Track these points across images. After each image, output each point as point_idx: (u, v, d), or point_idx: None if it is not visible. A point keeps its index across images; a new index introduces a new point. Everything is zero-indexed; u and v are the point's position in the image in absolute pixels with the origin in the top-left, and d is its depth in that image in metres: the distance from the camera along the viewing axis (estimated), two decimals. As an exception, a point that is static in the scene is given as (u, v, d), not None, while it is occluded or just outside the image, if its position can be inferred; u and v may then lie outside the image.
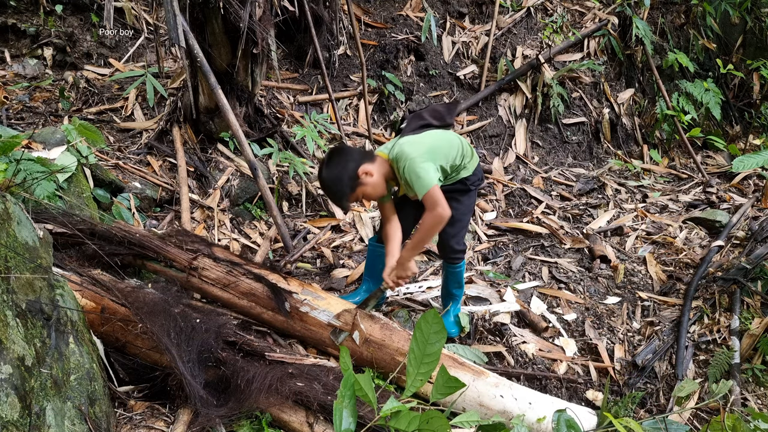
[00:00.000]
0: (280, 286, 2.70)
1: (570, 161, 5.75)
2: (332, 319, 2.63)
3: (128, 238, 2.76)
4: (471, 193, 2.87)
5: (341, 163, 2.59)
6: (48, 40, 4.78)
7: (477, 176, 2.87)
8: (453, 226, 2.82)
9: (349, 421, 1.44)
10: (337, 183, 2.58)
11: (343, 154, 2.63)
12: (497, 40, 5.90)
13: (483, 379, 2.47)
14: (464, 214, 2.88)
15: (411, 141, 2.62)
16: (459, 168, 2.76)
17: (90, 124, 3.24)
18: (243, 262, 2.81)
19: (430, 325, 1.54)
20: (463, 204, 2.85)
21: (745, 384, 3.05)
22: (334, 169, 2.59)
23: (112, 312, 2.32)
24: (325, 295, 2.76)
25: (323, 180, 2.63)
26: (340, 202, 2.72)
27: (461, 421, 1.55)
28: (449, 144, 2.71)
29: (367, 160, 2.62)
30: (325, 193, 2.70)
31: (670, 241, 4.30)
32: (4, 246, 1.71)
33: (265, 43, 3.81)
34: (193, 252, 2.76)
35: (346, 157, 2.62)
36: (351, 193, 2.61)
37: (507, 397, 2.42)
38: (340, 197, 2.63)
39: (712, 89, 5.91)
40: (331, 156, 2.62)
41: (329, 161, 2.61)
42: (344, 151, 2.67)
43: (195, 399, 2.07)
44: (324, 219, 4.21)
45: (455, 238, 2.90)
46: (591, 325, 3.48)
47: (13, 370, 1.56)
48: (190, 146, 4.15)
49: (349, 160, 2.60)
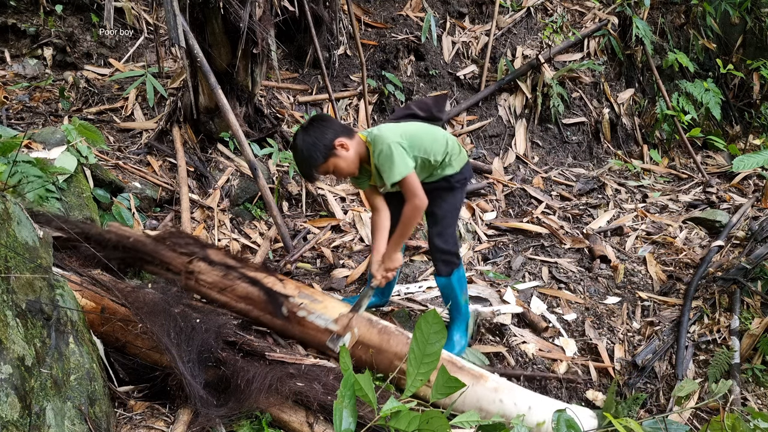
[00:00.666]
0: (276, 289, 2.64)
1: (570, 161, 5.76)
2: (330, 323, 2.57)
3: (122, 243, 2.72)
4: (455, 192, 2.78)
5: (319, 130, 2.51)
6: (48, 40, 4.78)
7: (464, 175, 2.78)
8: (436, 224, 2.77)
9: (349, 421, 1.44)
10: (311, 149, 2.49)
11: (322, 122, 2.56)
12: (497, 40, 5.90)
13: (482, 384, 2.44)
14: (448, 212, 2.79)
15: (391, 127, 2.57)
16: (443, 164, 2.68)
17: (90, 124, 3.24)
18: (238, 264, 2.74)
19: (430, 325, 1.54)
20: (447, 202, 2.76)
21: (745, 384, 3.05)
22: (311, 134, 2.50)
23: (112, 312, 2.32)
24: (322, 298, 2.70)
25: (296, 144, 2.52)
26: (309, 170, 2.57)
27: (461, 421, 1.55)
28: (432, 138, 2.64)
29: (346, 135, 2.55)
30: (296, 159, 2.59)
31: (670, 241, 4.30)
32: (4, 246, 1.71)
33: (265, 43, 3.81)
34: (188, 255, 2.71)
35: (326, 125, 2.54)
36: (323, 163, 2.52)
37: (506, 402, 2.40)
38: (311, 164, 2.53)
39: (712, 89, 5.91)
40: (311, 122, 2.55)
41: (307, 127, 2.53)
42: (324, 120, 2.59)
43: (195, 399, 2.07)
44: (324, 219, 4.21)
45: (440, 237, 2.80)
46: (591, 325, 3.48)
47: (13, 370, 1.56)
48: (190, 146, 4.15)
49: (328, 128, 2.52)
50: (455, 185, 2.76)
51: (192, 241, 2.85)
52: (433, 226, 2.80)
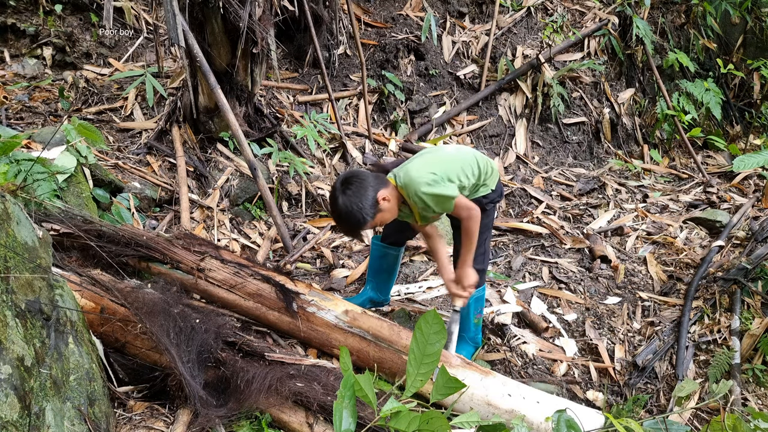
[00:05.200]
0: (288, 287, 2.71)
1: (570, 161, 5.75)
2: (339, 318, 2.64)
3: (135, 239, 2.76)
4: (487, 212, 2.74)
5: (359, 190, 2.44)
6: (47, 39, 4.78)
7: (496, 193, 2.76)
8: None
9: (349, 421, 1.44)
10: (357, 212, 2.42)
11: (359, 181, 2.47)
12: (497, 39, 5.89)
13: (491, 378, 2.48)
14: (482, 229, 2.73)
15: (417, 166, 2.53)
16: (476, 186, 2.67)
17: (89, 123, 3.23)
18: (250, 264, 2.82)
19: (430, 325, 1.53)
20: (482, 219, 2.71)
21: (745, 384, 3.05)
22: (352, 198, 2.42)
23: (111, 312, 2.32)
24: (331, 296, 2.78)
25: (340, 209, 2.44)
26: (357, 232, 2.54)
27: (461, 421, 1.54)
28: (462, 162, 2.61)
29: (383, 186, 2.52)
30: (341, 222, 2.50)
31: (670, 241, 4.29)
32: (4, 246, 1.70)
33: (265, 43, 3.80)
34: (200, 254, 2.77)
35: (364, 183, 2.46)
36: (371, 221, 2.47)
37: (515, 396, 2.42)
38: (360, 227, 2.47)
39: (712, 89, 5.91)
40: (347, 183, 2.46)
41: (345, 189, 2.44)
42: (360, 177, 2.50)
43: (194, 399, 2.07)
44: (324, 219, 4.21)
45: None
46: (591, 325, 3.48)
47: (13, 370, 1.56)
48: (189, 146, 4.15)
49: (367, 186, 2.45)
50: (487, 206, 2.72)
51: (204, 243, 2.91)
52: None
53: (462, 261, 2.65)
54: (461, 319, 2.86)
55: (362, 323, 2.63)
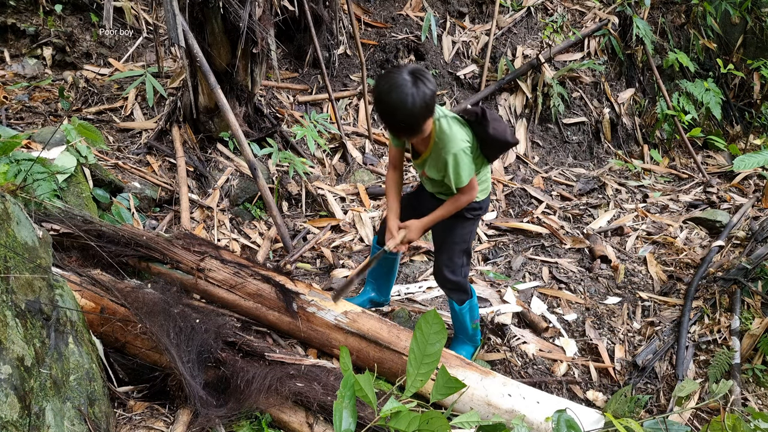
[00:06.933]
0: (288, 287, 2.71)
1: (570, 161, 5.75)
2: (338, 318, 2.63)
3: (135, 239, 2.77)
4: (468, 222, 2.65)
5: (427, 85, 2.16)
6: (47, 39, 4.78)
7: (481, 206, 2.65)
8: (444, 252, 2.69)
9: (349, 421, 1.44)
10: (429, 101, 2.16)
11: (426, 77, 2.17)
12: (497, 39, 5.89)
13: (491, 379, 2.48)
14: (458, 242, 2.66)
15: (459, 128, 2.36)
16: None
17: (89, 123, 3.23)
18: (250, 264, 2.82)
19: (430, 325, 1.53)
20: (458, 230, 2.65)
21: (745, 384, 3.05)
22: (422, 88, 2.13)
23: (111, 312, 2.32)
24: (330, 296, 2.77)
25: (406, 95, 2.11)
26: (420, 122, 2.22)
27: (461, 421, 1.54)
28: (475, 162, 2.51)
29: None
30: (404, 111, 2.15)
31: (670, 241, 4.29)
32: (4, 246, 1.70)
33: (265, 43, 3.80)
34: (200, 254, 2.77)
35: (430, 81, 2.17)
36: (424, 126, 2.23)
37: (515, 396, 2.43)
38: (426, 116, 2.21)
39: (712, 89, 5.91)
40: (418, 75, 2.15)
41: (416, 80, 2.13)
42: (427, 74, 2.19)
43: (194, 399, 2.07)
44: (324, 219, 4.21)
45: (448, 267, 2.69)
46: (591, 325, 3.48)
47: (13, 370, 1.56)
48: (189, 146, 4.15)
49: (435, 91, 2.19)
50: (468, 216, 2.62)
51: (204, 243, 2.92)
52: (441, 254, 2.72)
53: (429, 218, 2.51)
54: (456, 319, 2.86)
55: (362, 324, 2.62)
